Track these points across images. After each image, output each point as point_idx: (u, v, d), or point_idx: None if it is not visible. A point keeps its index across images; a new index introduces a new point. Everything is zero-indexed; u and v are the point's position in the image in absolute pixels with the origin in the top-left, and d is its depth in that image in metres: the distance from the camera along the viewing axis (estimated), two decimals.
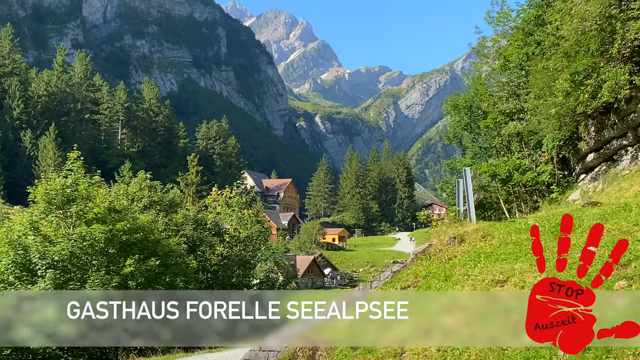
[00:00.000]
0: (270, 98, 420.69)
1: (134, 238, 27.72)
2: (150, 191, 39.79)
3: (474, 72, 46.51)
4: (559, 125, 30.99)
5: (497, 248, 12.35)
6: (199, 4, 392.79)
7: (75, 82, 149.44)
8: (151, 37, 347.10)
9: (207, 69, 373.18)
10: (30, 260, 26.00)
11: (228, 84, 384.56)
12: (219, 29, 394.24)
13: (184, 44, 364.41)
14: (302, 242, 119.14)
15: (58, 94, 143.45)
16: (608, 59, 26.47)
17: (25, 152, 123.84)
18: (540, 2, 35.85)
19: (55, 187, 27.73)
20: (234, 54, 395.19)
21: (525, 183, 34.53)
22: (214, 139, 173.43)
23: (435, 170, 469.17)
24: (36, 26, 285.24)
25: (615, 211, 12.79)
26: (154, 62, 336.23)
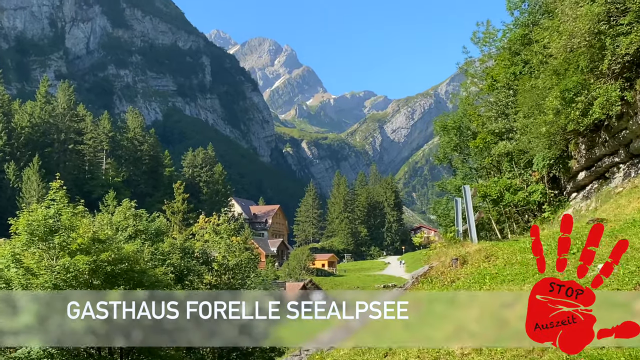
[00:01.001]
0: (256, 125, 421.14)
1: (119, 268, 27.08)
2: (136, 220, 39.08)
3: (461, 93, 46.54)
4: (549, 144, 30.82)
5: (502, 269, 11.85)
6: (183, 33, 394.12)
7: (58, 112, 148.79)
8: (135, 66, 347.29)
9: (191, 97, 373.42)
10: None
11: (213, 112, 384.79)
12: (203, 57, 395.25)
13: (168, 73, 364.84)
14: (292, 268, 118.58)
15: (41, 125, 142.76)
16: (598, 75, 26.33)
17: (9, 184, 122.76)
18: (527, 21, 35.91)
19: (38, 217, 27.07)
20: (219, 81, 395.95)
21: (517, 203, 34.26)
22: (200, 167, 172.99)
23: (422, 193, 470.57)
24: (19, 58, 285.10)
25: (624, 227, 12.34)
26: (138, 91, 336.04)
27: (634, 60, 24.85)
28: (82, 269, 25.56)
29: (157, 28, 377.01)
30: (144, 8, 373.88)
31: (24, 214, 28.13)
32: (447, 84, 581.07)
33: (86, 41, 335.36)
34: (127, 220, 38.62)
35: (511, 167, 36.48)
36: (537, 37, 31.34)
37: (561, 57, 27.21)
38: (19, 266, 25.91)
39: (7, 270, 25.92)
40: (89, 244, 26.89)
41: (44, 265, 25.78)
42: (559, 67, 27.65)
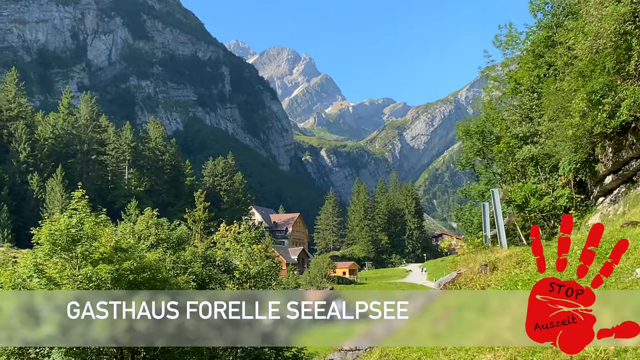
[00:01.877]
0: (276, 133, 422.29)
1: (142, 277, 26.91)
2: (157, 229, 39.00)
3: (483, 97, 46.10)
4: (575, 148, 30.42)
5: (535, 275, 11.43)
6: (202, 44, 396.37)
7: (81, 124, 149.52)
8: (156, 77, 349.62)
9: (211, 107, 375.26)
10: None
11: (233, 121, 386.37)
12: (222, 67, 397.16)
13: (188, 83, 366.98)
14: (313, 276, 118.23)
15: (64, 136, 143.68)
16: (625, 76, 25.97)
17: (32, 195, 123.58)
18: (550, 23, 35.52)
19: (60, 227, 26.98)
20: (238, 91, 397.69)
21: (543, 208, 33.78)
22: (220, 176, 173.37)
23: (443, 200, 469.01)
24: (42, 71, 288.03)
25: None
26: (159, 101, 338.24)
27: None
28: (105, 278, 25.42)
29: (177, 39, 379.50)
30: (164, 19, 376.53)
31: (46, 223, 28.04)
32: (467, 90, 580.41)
33: (108, 53, 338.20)
34: (149, 229, 38.56)
35: (536, 171, 36.04)
36: (561, 38, 30.97)
37: (587, 58, 26.85)
38: (42, 276, 25.82)
39: (30, 281, 25.85)
40: (111, 253, 26.76)
41: (67, 275, 25.68)
42: (584, 68, 27.28)
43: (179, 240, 39.83)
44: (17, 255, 54.09)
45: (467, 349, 9.93)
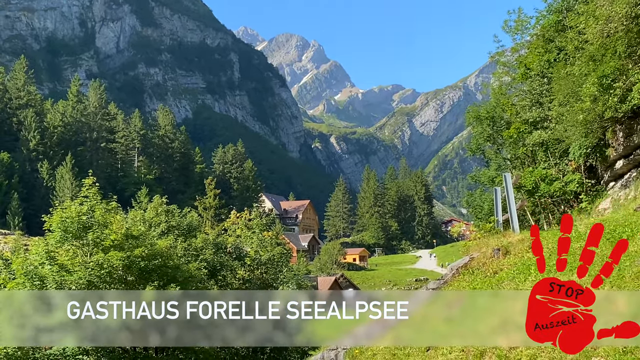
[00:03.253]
0: (285, 121, 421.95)
1: (153, 264, 26.98)
2: (168, 216, 39.09)
3: (493, 83, 45.93)
4: (585, 132, 30.30)
5: (548, 259, 11.35)
6: (211, 31, 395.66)
7: (90, 111, 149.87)
8: (164, 64, 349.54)
9: (221, 94, 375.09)
10: (47, 290, 25.31)
11: (242, 109, 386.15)
12: (231, 54, 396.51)
13: (197, 71, 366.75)
14: (323, 263, 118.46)
15: (73, 124, 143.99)
16: (637, 60, 25.88)
17: (42, 183, 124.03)
18: (560, 7, 35.32)
19: (71, 214, 27.07)
20: (247, 78, 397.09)
21: (553, 194, 33.66)
22: (230, 163, 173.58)
23: (453, 186, 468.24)
24: (50, 58, 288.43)
25: None
26: (168, 89, 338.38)
27: None
28: (116, 265, 25.52)
29: (186, 26, 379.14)
30: (173, 6, 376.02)
31: (57, 211, 28.14)
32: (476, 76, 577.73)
33: (116, 40, 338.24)
34: (160, 217, 38.66)
35: (546, 156, 35.90)
36: (571, 23, 30.78)
37: (597, 42, 26.73)
38: (53, 263, 25.94)
39: (42, 268, 25.97)
40: (123, 240, 26.86)
41: (78, 262, 25.78)
42: (595, 52, 27.15)
43: (190, 227, 39.94)
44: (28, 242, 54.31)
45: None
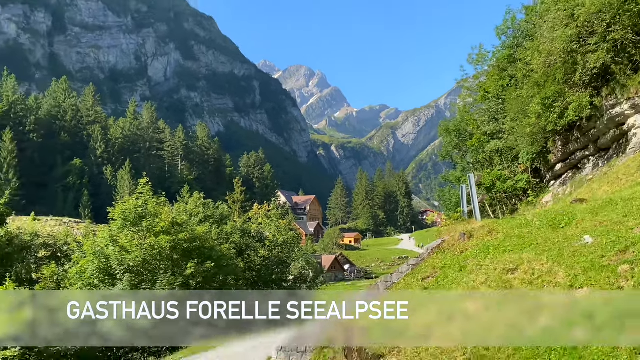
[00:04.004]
0: (296, 133, 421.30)
1: (193, 245, 27.03)
2: (204, 208, 39.21)
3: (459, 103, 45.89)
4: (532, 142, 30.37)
5: (503, 241, 11.37)
6: (238, 63, 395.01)
7: (144, 126, 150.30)
8: (201, 90, 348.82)
9: (245, 113, 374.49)
10: (111, 267, 25.35)
11: (262, 124, 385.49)
12: (253, 81, 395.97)
13: (227, 94, 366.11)
14: (326, 244, 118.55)
15: (131, 137, 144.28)
16: (572, 85, 25.81)
17: (106, 182, 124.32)
18: (512, 44, 35.32)
19: (129, 207, 27.16)
20: (266, 100, 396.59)
21: (506, 190, 33.67)
22: (253, 167, 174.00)
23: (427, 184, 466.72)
24: (112, 85, 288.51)
25: (602, 206, 11.76)
26: (204, 109, 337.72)
27: (600, 73, 24.35)
28: (165, 246, 25.56)
29: (218, 60, 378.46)
30: (208, 44, 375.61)
31: (119, 204, 28.28)
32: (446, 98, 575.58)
33: (164, 71, 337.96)
34: (198, 208, 38.74)
35: (501, 161, 35.89)
36: (520, 56, 30.75)
37: (541, 71, 26.71)
38: (116, 245, 26.00)
39: (107, 248, 26.03)
40: (170, 226, 26.89)
41: (135, 244, 25.81)
42: (539, 79, 27.16)
43: (222, 216, 40.02)
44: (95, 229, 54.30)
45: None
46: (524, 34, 33.69)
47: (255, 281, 37.08)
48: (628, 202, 11.43)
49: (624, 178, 19.06)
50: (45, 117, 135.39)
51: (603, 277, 8.29)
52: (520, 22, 34.94)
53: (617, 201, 11.65)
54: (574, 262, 9.10)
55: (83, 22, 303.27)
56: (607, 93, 24.32)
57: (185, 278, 25.38)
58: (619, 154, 25.05)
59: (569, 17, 23.87)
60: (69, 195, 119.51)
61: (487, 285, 9.66)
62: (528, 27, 32.59)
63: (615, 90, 23.80)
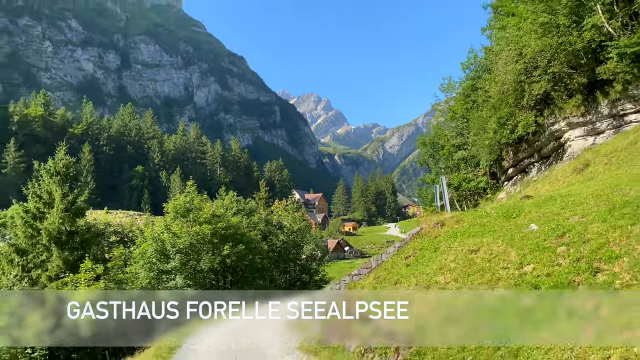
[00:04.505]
0: (307, 146, 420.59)
1: (229, 232, 27.07)
2: (237, 203, 39.20)
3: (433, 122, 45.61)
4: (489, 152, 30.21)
5: (468, 228, 11.29)
6: (262, 92, 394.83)
7: (190, 141, 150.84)
8: (234, 113, 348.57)
9: (268, 130, 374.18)
10: (165, 248, 25.42)
11: (281, 139, 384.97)
12: (275, 106, 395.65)
13: (254, 116, 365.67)
14: (330, 231, 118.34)
15: (180, 149, 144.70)
16: (520, 107, 25.74)
17: (162, 183, 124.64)
18: (474, 76, 35.16)
19: (179, 202, 27.24)
20: (285, 120, 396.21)
21: (470, 189, 33.49)
22: (274, 172, 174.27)
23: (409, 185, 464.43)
24: (166, 109, 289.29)
25: (544, 201, 11.67)
26: (237, 127, 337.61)
27: (542, 98, 24.27)
28: (207, 233, 25.62)
29: (247, 89, 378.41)
30: (240, 78, 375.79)
31: (171, 200, 28.37)
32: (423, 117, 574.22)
33: (206, 98, 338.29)
34: (232, 204, 38.75)
35: (466, 166, 35.73)
36: (481, 85, 30.67)
37: (496, 97, 26.62)
38: (169, 232, 26.09)
39: (162, 234, 26.12)
40: (210, 217, 26.94)
41: (184, 231, 25.89)
42: (495, 103, 27.06)
43: (250, 210, 40.05)
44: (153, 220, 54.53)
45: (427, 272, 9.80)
46: (483, 68, 33.58)
47: (277, 260, 37.07)
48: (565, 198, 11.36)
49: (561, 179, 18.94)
50: (115, 134, 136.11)
51: (545, 256, 8.23)
52: (481, 59, 34.83)
53: (556, 197, 11.56)
54: (522, 244, 9.03)
55: (144, 61, 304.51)
56: (548, 113, 24.22)
57: (222, 257, 25.43)
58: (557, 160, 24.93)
59: (518, 55, 23.79)
60: (134, 194, 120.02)
61: (455, 262, 9.61)
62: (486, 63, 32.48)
63: (554, 111, 23.69)
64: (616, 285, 6.73)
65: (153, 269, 25.16)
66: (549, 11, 21.74)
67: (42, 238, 22.70)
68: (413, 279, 9.75)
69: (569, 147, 23.44)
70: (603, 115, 21.57)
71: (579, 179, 16.48)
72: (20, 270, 21.94)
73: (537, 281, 7.73)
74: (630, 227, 7.94)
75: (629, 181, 10.72)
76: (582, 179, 15.66)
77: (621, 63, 19.26)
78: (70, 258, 22.67)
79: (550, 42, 21.35)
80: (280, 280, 36.24)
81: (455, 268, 9.33)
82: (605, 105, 21.27)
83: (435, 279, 9.23)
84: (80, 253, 23.00)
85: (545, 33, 21.67)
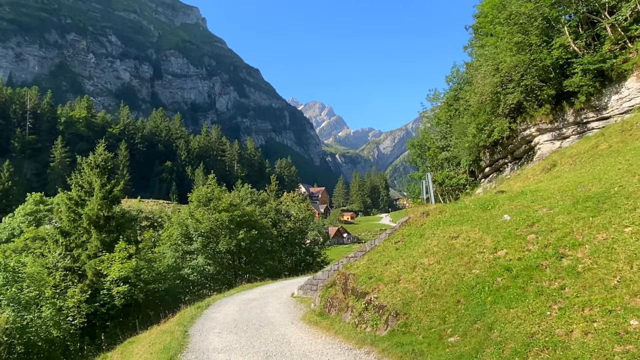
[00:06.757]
0: (312, 146, 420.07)
1: (244, 219, 27.08)
2: (251, 194, 39.18)
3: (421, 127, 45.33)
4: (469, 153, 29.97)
5: (449, 218, 11.16)
6: (275, 99, 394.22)
7: (212, 141, 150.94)
8: (250, 117, 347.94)
9: (279, 132, 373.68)
10: (189, 232, 25.40)
11: (290, 140, 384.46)
12: (285, 112, 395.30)
13: (267, 120, 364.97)
14: (332, 220, 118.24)
15: (204, 147, 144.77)
16: (497, 115, 25.50)
17: (188, 177, 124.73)
18: (457, 87, 34.90)
19: (202, 193, 27.20)
20: (293, 124, 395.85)
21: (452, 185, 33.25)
22: (284, 168, 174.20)
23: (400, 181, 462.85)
24: (192, 114, 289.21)
25: (516, 195, 11.53)
26: (252, 130, 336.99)
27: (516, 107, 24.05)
28: (225, 219, 25.60)
29: (262, 97, 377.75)
30: (255, 87, 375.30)
31: (195, 191, 28.35)
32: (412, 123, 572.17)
33: (226, 104, 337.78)
34: (247, 195, 38.73)
35: (449, 165, 35.53)
36: (462, 95, 30.41)
37: (476, 106, 26.38)
38: (193, 218, 26.09)
39: (187, 220, 26.13)
40: (228, 206, 26.93)
41: (205, 217, 25.88)
42: (474, 111, 26.85)
43: (262, 200, 40.02)
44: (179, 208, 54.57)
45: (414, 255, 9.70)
46: (464, 81, 33.31)
47: (284, 243, 37.08)
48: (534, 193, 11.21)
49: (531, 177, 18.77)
50: (148, 134, 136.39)
51: (517, 242, 8.12)
52: (462, 73, 34.55)
53: (527, 192, 11.41)
54: (497, 232, 8.91)
55: (174, 72, 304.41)
56: (521, 120, 24.01)
57: (238, 240, 25.42)
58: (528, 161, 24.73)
59: (495, 69, 23.57)
60: (163, 185, 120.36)
61: (438, 247, 9.51)
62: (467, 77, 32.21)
63: (526, 119, 23.48)
64: (579, 268, 6.62)
65: (178, 249, 25.18)
66: (522, 32, 21.53)
67: (83, 222, 22.74)
68: (401, 261, 9.66)
69: (539, 149, 23.24)
70: (569, 122, 21.39)
71: (547, 177, 16.32)
72: (63, 249, 21.99)
73: (509, 264, 7.62)
74: (592, 218, 7.81)
75: (591, 179, 10.57)
76: (550, 177, 15.50)
77: (585, 77, 19.17)
78: (107, 239, 22.71)
79: (523, 59, 21.13)
80: (287, 262, 36.26)
81: (437, 252, 9.23)
82: (571, 113, 21.10)
83: (421, 261, 9.13)
84: (116, 235, 23.04)
85: (519, 51, 21.46)
